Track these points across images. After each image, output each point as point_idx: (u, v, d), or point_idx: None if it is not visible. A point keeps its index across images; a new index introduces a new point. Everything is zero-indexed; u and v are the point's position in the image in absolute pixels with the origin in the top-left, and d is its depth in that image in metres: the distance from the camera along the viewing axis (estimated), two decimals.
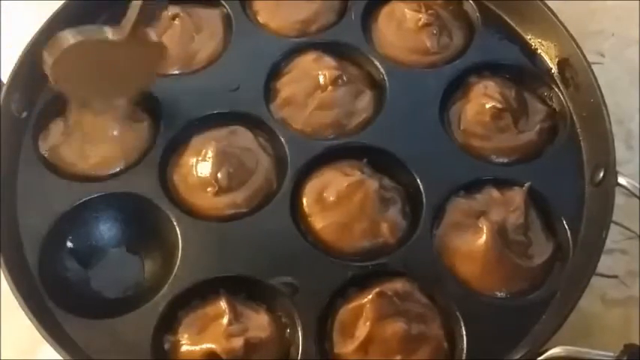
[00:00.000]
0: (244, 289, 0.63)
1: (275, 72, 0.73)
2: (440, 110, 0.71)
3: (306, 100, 0.71)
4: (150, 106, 0.71)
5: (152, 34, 0.65)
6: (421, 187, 0.66)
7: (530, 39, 0.74)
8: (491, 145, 0.70)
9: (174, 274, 0.63)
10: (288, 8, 0.77)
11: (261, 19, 0.77)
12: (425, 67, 0.74)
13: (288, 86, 0.72)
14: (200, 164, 0.67)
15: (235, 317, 0.60)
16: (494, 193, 0.66)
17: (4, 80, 0.69)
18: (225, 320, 0.60)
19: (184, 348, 0.60)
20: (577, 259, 0.64)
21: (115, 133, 0.69)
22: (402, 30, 0.75)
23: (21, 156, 0.69)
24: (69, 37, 0.63)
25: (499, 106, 0.69)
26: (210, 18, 0.77)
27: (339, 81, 0.71)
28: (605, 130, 0.66)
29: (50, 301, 0.62)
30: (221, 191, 0.66)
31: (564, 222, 0.65)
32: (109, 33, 0.63)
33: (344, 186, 0.65)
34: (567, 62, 0.71)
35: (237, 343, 0.58)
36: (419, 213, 0.66)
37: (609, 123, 0.66)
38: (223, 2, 0.78)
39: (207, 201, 0.66)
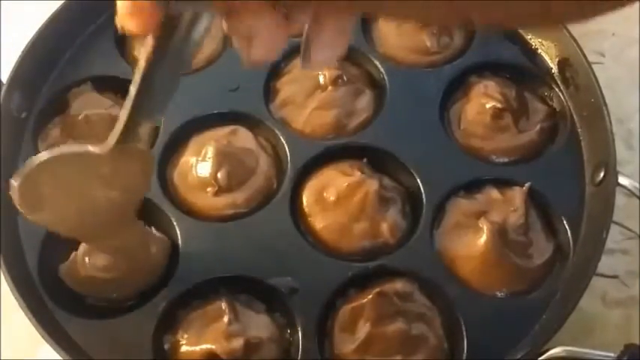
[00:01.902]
0: (244, 289, 0.63)
1: (275, 72, 0.73)
2: (440, 110, 0.71)
3: (306, 100, 0.71)
4: None
5: (139, 145, 0.51)
6: (421, 187, 0.66)
7: (530, 39, 0.74)
8: (492, 145, 0.69)
9: (174, 274, 0.63)
10: None
11: None
12: (425, 66, 0.74)
13: (288, 86, 0.72)
14: (200, 164, 0.67)
15: (235, 317, 0.60)
16: (495, 193, 0.66)
17: (4, 80, 0.69)
18: (225, 320, 0.60)
19: (184, 348, 0.60)
20: (577, 259, 0.64)
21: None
22: (402, 30, 0.75)
23: (21, 156, 0.69)
24: (39, 156, 0.51)
25: (499, 106, 0.69)
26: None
27: (339, 81, 0.71)
28: (605, 129, 0.66)
29: (50, 301, 0.62)
30: (221, 191, 0.66)
31: (564, 222, 0.65)
32: (90, 147, 0.51)
33: (344, 186, 0.65)
34: (567, 62, 0.71)
35: (237, 343, 0.58)
36: (419, 213, 0.66)
37: (610, 123, 0.66)
38: None
39: (207, 201, 0.66)
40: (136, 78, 0.41)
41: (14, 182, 0.51)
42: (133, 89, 0.42)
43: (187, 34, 0.38)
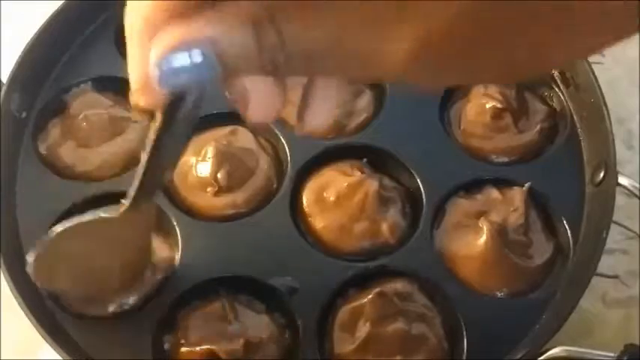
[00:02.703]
0: (244, 289, 0.63)
1: None
2: (440, 110, 0.71)
3: None
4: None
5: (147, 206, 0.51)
6: (421, 187, 0.66)
7: None
8: (492, 145, 0.69)
9: (174, 274, 0.63)
10: None
11: None
12: None
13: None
14: (200, 164, 0.67)
15: (235, 317, 0.60)
16: (494, 193, 0.66)
17: (4, 80, 0.69)
18: (225, 320, 0.60)
19: (184, 348, 0.60)
20: (577, 259, 0.64)
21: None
22: None
23: (21, 156, 0.69)
24: (53, 230, 0.52)
25: (499, 105, 0.69)
26: None
27: None
28: (605, 130, 0.66)
29: (50, 301, 0.62)
30: (221, 191, 0.66)
31: (564, 222, 0.65)
32: (101, 213, 0.52)
33: (344, 186, 0.65)
34: None
35: (237, 343, 0.58)
36: (419, 213, 0.66)
37: (609, 123, 0.66)
38: None
39: (207, 201, 0.66)
40: (147, 148, 0.44)
41: (29, 258, 0.53)
42: (143, 158, 0.45)
43: (193, 107, 0.40)
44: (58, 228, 0.52)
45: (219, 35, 0.32)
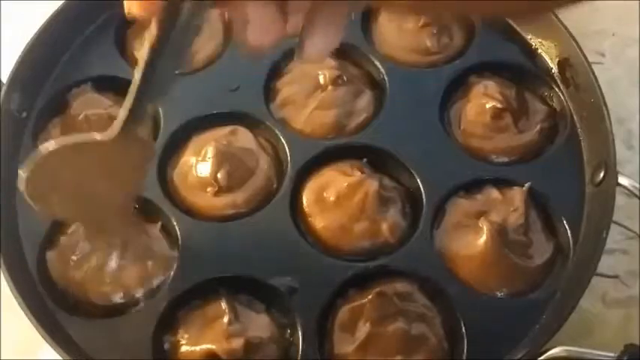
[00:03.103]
0: (244, 289, 0.63)
1: (275, 72, 0.73)
2: (440, 110, 0.71)
3: (306, 100, 0.71)
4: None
5: (141, 131, 0.51)
6: (421, 187, 0.66)
7: (530, 39, 0.74)
8: (492, 145, 0.69)
9: (173, 274, 0.63)
10: None
11: None
12: (425, 66, 0.74)
13: (288, 86, 0.72)
14: (200, 164, 0.67)
15: (235, 317, 0.60)
16: (494, 193, 0.66)
17: (4, 80, 0.69)
18: (225, 320, 0.60)
19: (184, 348, 0.60)
20: (577, 259, 0.64)
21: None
22: (402, 30, 0.75)
23: (21, 156, 0.69)
24: (46, 146, 0.51)
25: (499, 106, 0.69)
26: (210, 18, 0.77)
27: (339, 81, 0.71)
28: (605, 129, 0.66)
29: (50, 301, 0.62)
30: (221, 191, 0.66)
31: (564, 222, 0.65)
32: (96, 135, 0.52)
33: (344, 186, 0.65)
34: (568, 62, 0.71)
35: (237, 343, 0.58)
36: (419, 213, 0.66)
37: (609, 123, 0.66)
38: None
39: (207, 201, 0.66)
40: (140, 63, 0.43)
41: (22, 174, 0.51)
42: (137, 75, 0.44)
43: (188, 19, 0.39)
44: (50, 145, 0.50)
45: None
